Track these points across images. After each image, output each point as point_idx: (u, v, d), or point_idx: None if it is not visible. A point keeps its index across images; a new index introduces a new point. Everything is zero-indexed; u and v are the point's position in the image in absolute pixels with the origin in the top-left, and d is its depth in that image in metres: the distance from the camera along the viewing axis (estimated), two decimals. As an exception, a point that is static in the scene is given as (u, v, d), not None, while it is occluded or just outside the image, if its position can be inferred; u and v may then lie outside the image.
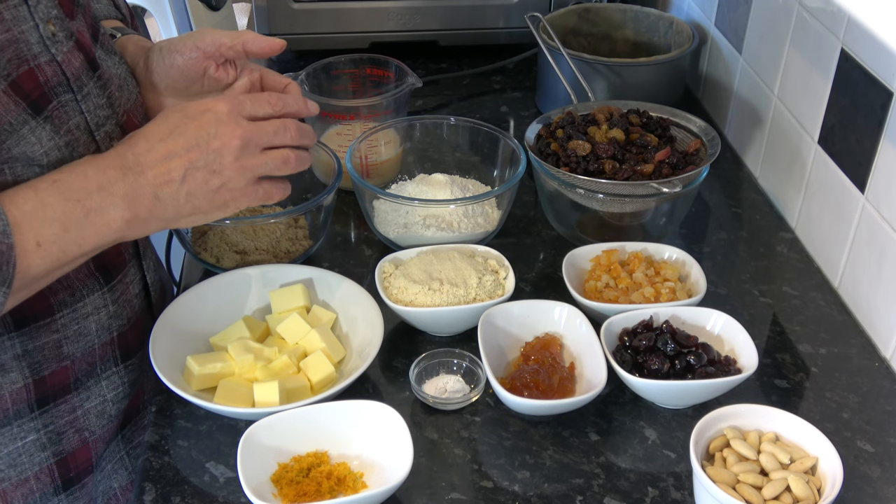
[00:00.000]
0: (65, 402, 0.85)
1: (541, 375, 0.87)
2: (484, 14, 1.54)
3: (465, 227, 1.08)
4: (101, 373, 0.88)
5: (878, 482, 0.83)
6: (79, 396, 0.86)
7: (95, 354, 0.86)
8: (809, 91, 1.11)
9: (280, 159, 0.79)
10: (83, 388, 0.86)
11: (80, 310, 0.83)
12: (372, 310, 0.94)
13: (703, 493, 0.76)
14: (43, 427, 0.83)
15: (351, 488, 0.79)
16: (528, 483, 0.83)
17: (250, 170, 0.77)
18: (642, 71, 1.31)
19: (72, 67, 0.77)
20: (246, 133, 0.76)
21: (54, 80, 0.75)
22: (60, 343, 0.82)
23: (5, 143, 0.70)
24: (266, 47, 0.88)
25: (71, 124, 0.77)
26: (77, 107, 0.78)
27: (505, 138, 1.15)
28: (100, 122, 0.80)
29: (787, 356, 0.97)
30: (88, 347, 0.85)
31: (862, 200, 1.00)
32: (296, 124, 0.81)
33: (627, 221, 1.15)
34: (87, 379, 0.86)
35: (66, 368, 0.84)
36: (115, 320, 0.87)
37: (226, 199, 0.77)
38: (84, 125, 0.78)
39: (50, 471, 0.86)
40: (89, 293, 0.83)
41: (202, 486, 0.82)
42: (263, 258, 1.05)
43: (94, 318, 0.85)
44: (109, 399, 0.89)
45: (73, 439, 0.86)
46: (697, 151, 1.08)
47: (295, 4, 1.48)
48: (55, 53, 0.75)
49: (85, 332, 0.84)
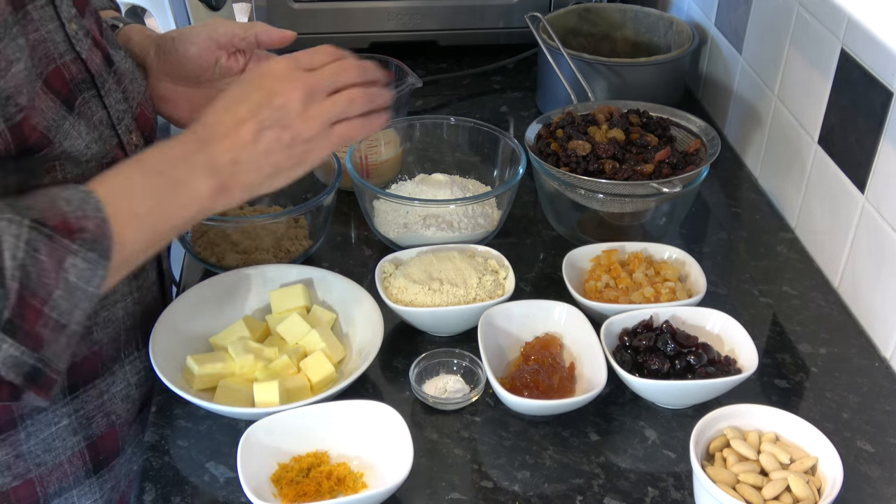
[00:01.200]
0: (93, 387, 0.86)
1: (541, 375, 0.87)
2: (484, 14, 1.54)
3: (465, 227, 1.08)
4: (125, 357, 0.89)
5: (878, 482, 0.83)
6: (105, 381, 0.87)
7: (121, 340, 0.88)
8: (809, 91, 1.11)
9: (346, 99, 0.78)
10: (109, 374, 0.88)
11: (111, 297, 0.85)
12: (372, 310, 0.94)
13: (703, 493, 0.76)
14: (74, 412, 0.85)
15: (351, 488, 0.79)
16: (528, 483, 0.83)
17: (318, 117, 0.77)
18: (642, 71, 1.31)
19: (94, 64, 0.79)
20: (306, 84, 0.76)
21: (79, 76, 0.77)
22: (91, 330, 0.84)
23: (56, 137, 0.72)
24: (278, 39, 0.89)
25: (95, 119, 0.78)
26: (100, 102, 0.79)
27: (505, 138, 1.15)
28: (120, 117, 0.82)
29: (787, 356, 0.97)
30: (115, 333, 0.87)
31: (862, 200, 1.00)
32: (355, 64, 0.80)
33: (627, 221, 1.15)
34: (113, 364, 0.88)
35: (96, 354, 0.85)
36: (139, 306, 0.89)
37: (303, 151, 0.77)
38: (107, 120, 0.80)
39: (81, 455, 0.87)
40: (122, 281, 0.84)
41: (202, 486, 0.82)
42: (263, 258, 1.05)
43: (122, 305, 0.87)
44: (133, 383, 0.91)
45: (101, 423, 0.88)
46: (697, 151, 1.08)
47: (295, 4, 1.48)
48: (80, 51, 0.77)
49: (113, 319, 0.86)
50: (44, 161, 0.73)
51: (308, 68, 0.78)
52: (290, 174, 0.78)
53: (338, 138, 0.79)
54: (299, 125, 0.76)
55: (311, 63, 0.78)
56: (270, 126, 0.75)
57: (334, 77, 0.78)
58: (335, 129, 0.78)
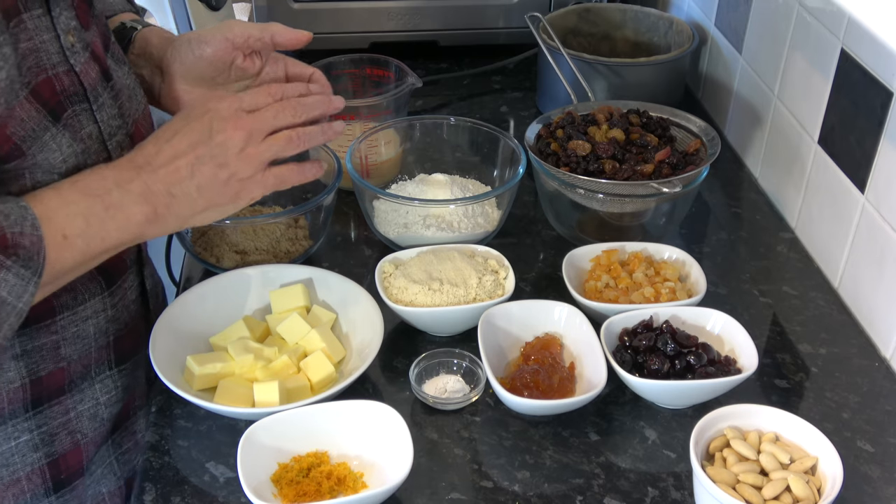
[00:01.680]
0: (59, 404, 0.85)
1: (541, 375, 0.87)
2: (484, 14, 1.54)
3: (465, 227, 1.08)
4: (95, 376, 0.87)
5: (878, 482, 0.83)
6: (72, 398, 0.86)
7: (91, 357, 0.86)
8: (809, 91, 1.11)
9: (283, 141, 0.80)
10: (77, 391, 0.86)
11: (81, 312, 0.83)
12: (372, 310, 0.94)
13: (703, 493, 0.76)
14: (36, 427, 0.83)
15: (351, 488, 0.79)
16: (528, 483, 0.83)
17: (256, 157, 0.79)
18: (642, 71, 1.31)
19: (89, 78, 0.79)
20: (247, 123, 0.78)
21: (70, 89, 0.76)
22: (59, 344, 0.82)
23: (30, 149, 0.72)
24: (293, 39, 0.91)
25: (84, 133, 0.78)
26: (92, 116, 0.79)
27: (505, 138, 1.15)
28: (112, 132, 0.81)
29: (787, 356, 0.97)
30: (85, 350, 0.85)
31: (862, 200, 1.00)
32: (294, 102, 0.82)
33: (627, 221, 1.15)
34: (82, 381, 0.86)
35: (63, 370, 0.84)
36: (113, 324, 0.88)
37: (237, 190, 0.79)
38: (97, 134, 0.80)
39: (41, 472, 0.85)
40: (91, 296, 0.84)
41: (202, 486, 0.82)
42: (263, 258, 1.05)
43: (93, 322, 0.85)
44: (102, 402, 0.89)
45: (65, 441, 0.86)
46: (697, 151, 1.08)
47: (295, 4, 1.48)
48: (73, 64, 0.77)
49: (83, 335, 0.84)
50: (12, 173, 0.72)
51: (251, 109, 0.80)
52: (223, 210, 0.80)
53: (274, 180, 0.81)
54: (236, 164, 0.78)
55: (254, 104, 0.80)
56: (207, 162, 0.77)
57: (274, 118, 0.80)
58: (271, 171, 0.80)
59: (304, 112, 0.82)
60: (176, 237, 1.11)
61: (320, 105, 0.84)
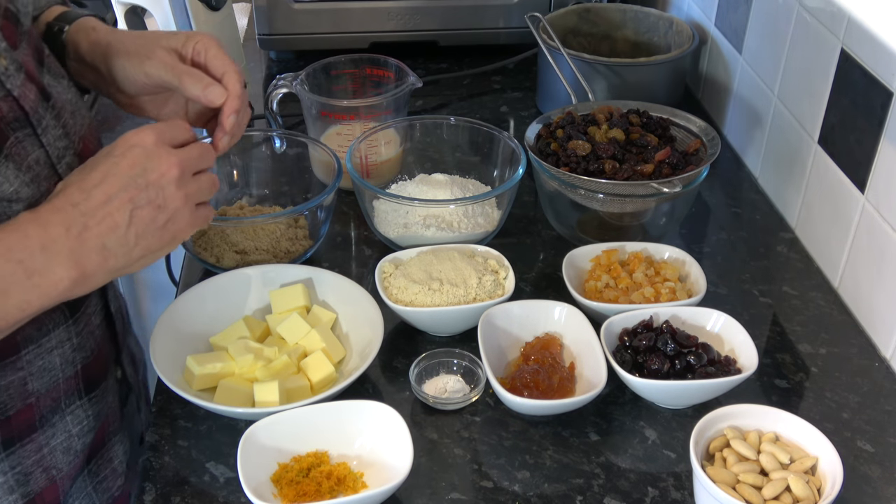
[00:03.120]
0: (31, 442, 0.80)
1: (541, 375, 0.87)
2: (484, 14, 1.54)
3: (465, 227, 1.08)
4: (65, 408, 0.83)
5: (878, 482, 0.83)
6: (44, 434, 0.82)
7: (60, 389, 0.82)
8: (809, 91, 1.11)
9: (209, 182, 0.77)
10: (48, 426, 0.82)
11: (45, 344, 0.79)
12: (372, 310, 0.94)
13: (703, 493, 0.76)
14: (10, 469, 0.79)
15: (351, 488, 0.79)
16: (528, 483, 0.83)
17: (192, 197, 0.74)
18: (642, 71, 1.31)
19: (28, 101, 0.73)
20: (181, 160, 0.73)
21: (10, 115, 0.71)
22: (25, 380, 0.78)
23: None
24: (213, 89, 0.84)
25: (31, 160, 0.73)
26: (37, 141, 0.74)
27: (505, 138, 1.15)
28: (60, 154, 0.76)
29: (787, 356, 0.97)
30: (53, 382, 0.81)
31: (862, 200, 1.00)
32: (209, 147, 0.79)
33: (627, 221, 1.15)
34: (52, 415, 0.82)
35: (31, 406, 0.79)
36: (79, 353, 0.83)
37: (174, 233, 0.74)
38: (45, 159, 0.74)
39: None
40: (55, 326, 0.79)
41: (202, 486, 0.82)
42: (263, 258, 1.05)
43: (59, 352, 0.80)
44: (75, 434, 0.85)
45: (40, 479, 0.82)
46: (697, 151, 1.08)
47: (295, 4, 1.48)
48: (11, 88, 0.71)
49: (50, 367, 0.80)
50: None
51: (173, 144, 0.75)
52: (157, 255, 0.75)
53: (203, 219, 0.77)
54: (175, 204, 0.73)
55: (175, 139, 0.75)
56: (144, 205, 0.71)
57: (200, 157, 0.76)
58: (200, 211, 0.76)
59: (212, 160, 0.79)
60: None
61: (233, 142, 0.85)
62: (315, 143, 1.14)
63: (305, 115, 1.24)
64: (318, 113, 1.21)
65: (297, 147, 1.17)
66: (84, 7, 1.60)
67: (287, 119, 1.30)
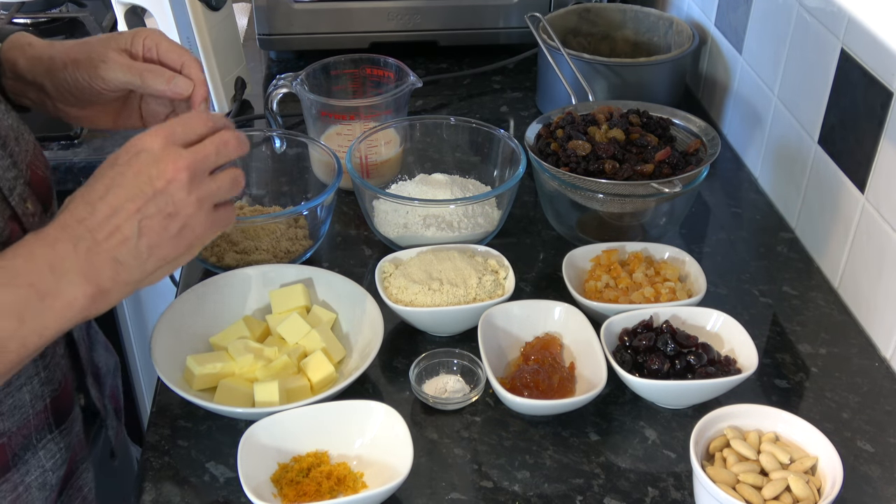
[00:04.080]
0: (6, 482, 0.78)
1: (541, 375, 0.87)
2: (484, 14, 1.54)
3: (465, 227, 1.08)
4: (37, 443, 0.81)
5: (878, 482, 0.83)
6: (18, 472, 0.79)
7: (31, 426, 0.79)
8: (809, 91, 1.11)
9: (230, 180, 0.71)
10: (21, 463, 0.79)
11: (14, 382, 0.76)
12: (372, 310, 0.94)
13: (703, 493, 0.76)
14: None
15: (351, 488, 0.79)
16: (528, 483, 0.83)
17: (207, 199, 0.69)
18: (642, 71, 1.31)
19: None
20: (190, 162, 0.68)
21: None
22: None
23: None
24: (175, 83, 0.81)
25: None
26: None
27: (505, 138, 1.15)
28: (11, 186, 0.73)
29: (787, 356, 0.97)
30: (24, 420, 0.78)
31: (862, 200, 1.00)
32: (234, 135, 0.72)
33: (627, 221, 1.15)
34: (24, 452, 0.80)
35: (3, 445, 0.77)
36: (48, 386, 0.81)
37: (191, 240, 0.70)
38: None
39: None
40: None
41: (202, 486, 0.82)
42: (263, 258, 1.05)
43: (28, 388, 0.78)
44: (49, 468, 0.83)
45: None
46: (697, 151, 1.08)
47: (295, 4, 1.48)
48: None
49: (20, 405, 0.77)
50: None
51: (185, 142, 0.69)
52: (174, 265, 0.71)
53: (222, 222, 0.72)
54: (188, 210, 0.68)
55: (187, 136, 0.70)
56: (153, 214, 0.67)
57: (216, 155, 0.70)
58: (219, 213, 0.71)
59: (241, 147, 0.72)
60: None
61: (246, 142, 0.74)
62: (315, 143, 1.14)
63: (305, 115, 1.24)
64: (318, 113, 1.21)
65: (297, 147, 1.17)
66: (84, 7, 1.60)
67: (287, 119, 1.30)
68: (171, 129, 0.69)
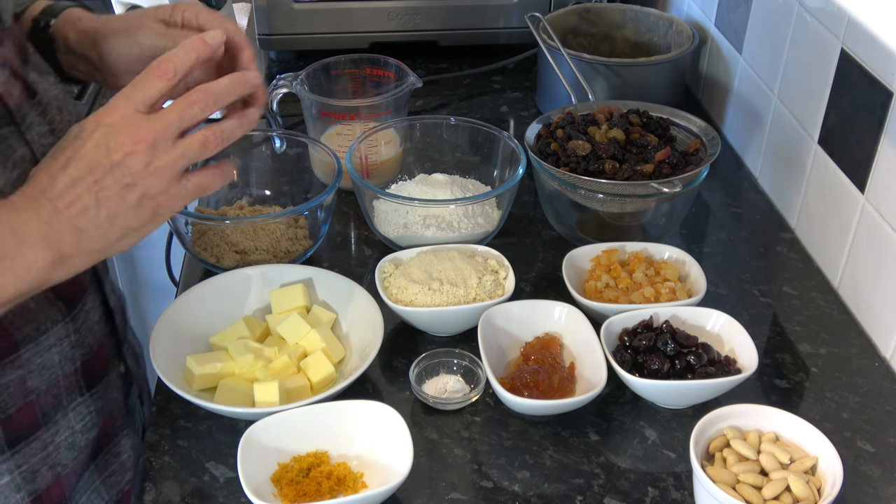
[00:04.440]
0: (36, 440, 0.81)
1: (541, 375, 0.87)
2: (484, 14, 1.54)
3: (465, 227, 1.08)
4: (67, 405, 0.83)
5: (878, 482, 0.83)
6: (48, 432, 0.82)
7: (60, 387, 0.82)
8: (809, 91, 1.11)
9: (197, 145, 0.69)
10: (52, 423, 0.82)
11: (44, 342, 0.79)
12: (372, 310, 0.94)
13: (703, 493, 0.76)
14: (17, 468, 0.80)
15: (351, 488, 0.79)
16: (528, 483, 0.83)
17: (168, 168, 0.68)
18: (642, 71, 1.31)
19: (13, 98, 0.73)
20: (147, 133, 0.66)
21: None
22: (24, 379, 0.78)
23: None
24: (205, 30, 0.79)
25: (16, 157, 0.73)
26: (21, 139, 0.74)
27: (505, 138, 1.15)
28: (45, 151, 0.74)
29: (787, 356, 0.97)
30: (53, 380, 0.81)
31: (862, 200, 1.00)
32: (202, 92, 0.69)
33: (627, 221, 1.15)
34: (55, 413, 0.82)
35: (32, 404, 0.79)
36: (78, 349, 0.83)
37: (153, 208, 0.69)
38: (30, 156, 0.74)
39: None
40: (52, 324, 0.79)
41: (202, 486, 0.82)
42: (263, 258, 1.05)
43: (57, 350, 0.80)
44: (78, 430, 0.85)
45: (46, 476, 0.83)
46: (697, 151, 1.08)
47: (295, 4, 1.48)
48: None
49: (48, 365, 0.80)
50: None
51: (150, 106, 0.68)
52: (141, 232, 0.70)
53: (193, 189, 0.70)
54: (146, 181, 0.67)
55: (149, 99, 0.68)
56: (111, 186, 0.66)
57: (180, 119, 0.68)
58: (190, 180, 0.70)
59: (214, 102, 0.70)
60: (176, 237, 1.11)
61: (234, 88, 0.71)
62: (315, 143, 1.14)
63: (305, 115, 1.24)
64: (318, 113, 1.21)
65: (297, 147, 1.17)
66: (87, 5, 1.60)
67: (287, 119, 1.30)
68: (131, 96, 0.68)
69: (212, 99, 0.69)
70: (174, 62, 0.68)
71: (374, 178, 1.18)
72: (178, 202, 0.70)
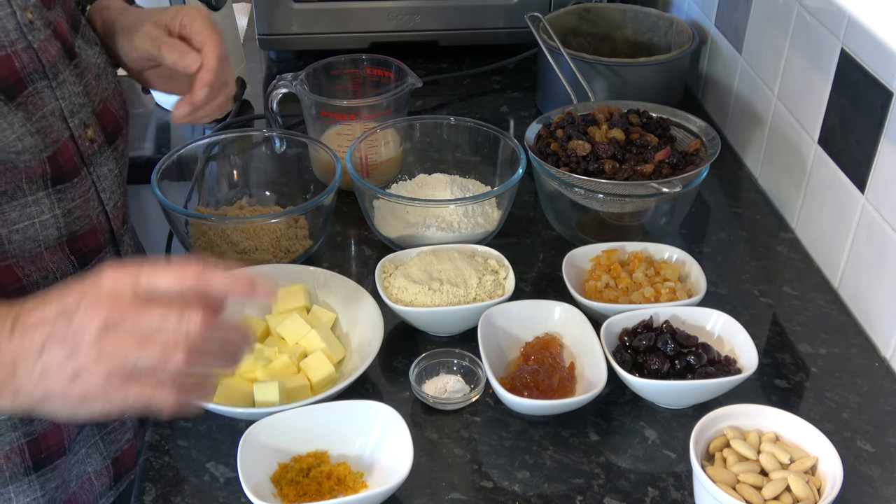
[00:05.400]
0: None
1: (541, 375, 0.87)
2: (484, 14, 1.54)
3: (465, 227, 1.08)
4: None
5: (878, 482, 0.83)
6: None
7: None
8: (809, 91, 1.11)
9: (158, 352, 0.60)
10: None
11: None
12: (372, 310, 0.94)
13: (703, 493, 0.76)
14: None
15: (351, 488, 0.79)
16: (528, 483, 0.83)
17: (109, 359, 0.60)
18: (642, 71, 1.31)
19: (48, 55, 0.78)
20: (113, 313, 0.60)
21: (30, 66, 0.76)
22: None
23: None
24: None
25: (46, 110, 0.78)
26: (52, 94, 0.79)
27: (505, 138, 1.15)
28: (74, 110, 0.81)
29: (787, 356, 0.97)
30: None
31: (862, 200, 1.00)
32: (201, 316, 0.60)
33: (627, 221, 1.15)
34: None
35: None
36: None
37: (81, 394, 0.61)
38: (59, 112, 0.80)
39: (21, 450, 0.85)
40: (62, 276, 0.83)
41: (202, 486, 0.82)
42: (263, 258, 1.05)
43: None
44: None
45: (44, 420, 0.86)
46: (697, 151, 1.08)
47: (295, 4, 1.48)
48: (31, 41, 0.77)
49: None
50: None
51: (149, 292, 0.61)
52: (58, 412, 0.63)
53: (134, 400, 0.61)
54: (85, 357, 0.60)
55: (152, 285, 0.61)
56: (58, 341, 0.60)
57: (161, 322, 0.60)
58: (132, 387, 0.61)
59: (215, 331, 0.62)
60: (176, 237, 1.11)
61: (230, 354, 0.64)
62: (315, 143, 1.14)
63: (305, 115, 1.24)
64: (318, 113, 1.21)
65: (297, 147, 1.17)
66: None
67: (287, 119, 1.30)
68: (137, 272, 0.62)
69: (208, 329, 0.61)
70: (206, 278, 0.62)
71: (374, 178, 1.18)
72: (105, 404, 0.62)
